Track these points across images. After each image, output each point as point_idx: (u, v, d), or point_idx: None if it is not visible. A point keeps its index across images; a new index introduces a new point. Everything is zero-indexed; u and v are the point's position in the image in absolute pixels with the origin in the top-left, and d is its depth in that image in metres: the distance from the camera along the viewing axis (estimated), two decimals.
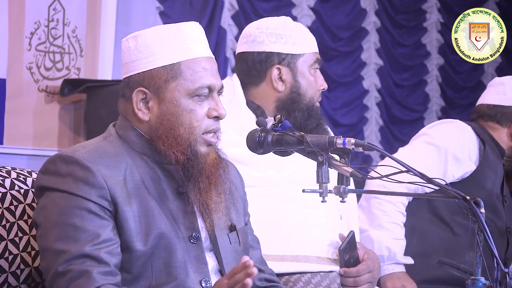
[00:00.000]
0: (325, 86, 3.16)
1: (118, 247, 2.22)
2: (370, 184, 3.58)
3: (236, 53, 3.24)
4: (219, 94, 2.39)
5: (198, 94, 2.32)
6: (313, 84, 3.14)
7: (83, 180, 2.22)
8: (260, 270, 2.56)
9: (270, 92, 3.13)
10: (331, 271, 3.00)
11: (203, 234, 2.35)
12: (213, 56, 2.42)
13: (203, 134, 2.33)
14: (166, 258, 2.26)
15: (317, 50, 3.18)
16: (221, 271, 2.36)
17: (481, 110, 3.86)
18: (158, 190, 2.31)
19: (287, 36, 3.12)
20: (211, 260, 2.35)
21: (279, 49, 3.12)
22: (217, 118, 2.35)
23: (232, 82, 3.18)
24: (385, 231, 3.59)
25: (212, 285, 2.28)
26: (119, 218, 2.24)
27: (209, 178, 2.32)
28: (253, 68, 3.14)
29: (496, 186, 3.73)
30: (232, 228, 2.42)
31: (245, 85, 3.16)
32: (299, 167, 3.01)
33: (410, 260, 3.63)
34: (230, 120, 2.78)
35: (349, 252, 3.00)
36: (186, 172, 2.32)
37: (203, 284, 2.29)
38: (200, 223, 2.35)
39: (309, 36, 3.17)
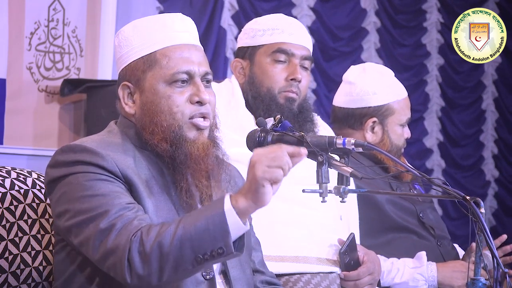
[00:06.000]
0: (294, 76, 3.10)
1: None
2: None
3: None
4: (206, 81, 2.36)
5: (175, 80, 2.32)
6: (270, 73, 3.11)
7: (93, 164, 2.22)
8: (261, 273, 2.57)
9: (239, 83, 3.19)
10: (331, 272, 3.00)
11: None
12: (197, 44, 2.40)
13: (190, 119, 2.31)
14: None
15: (288, 40, 3.13)
16: (224, 271, 2.36)
17: (335, 114, 3.57)
18: (164, 183, 2.31)
19: (252, 29, 3.17)
20: None
21: (243, 43, 3.19)
22: (200, 103, 2.32)
23: (231, 84, 3.19)
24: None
25: (214, 276, 2.28)
26: (136, 196, 2.23)
27: (198, 162, 2.29)
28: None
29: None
30: None
31: None
32: (300, 167, 3.00)
33: None
34: (229, 120, 2.78)
35: (349, 255, 2.99)
36: (176, 162, 2.29)
37: (204, 275, 2.27)
38: None
39: (280, 27, 3.15)
